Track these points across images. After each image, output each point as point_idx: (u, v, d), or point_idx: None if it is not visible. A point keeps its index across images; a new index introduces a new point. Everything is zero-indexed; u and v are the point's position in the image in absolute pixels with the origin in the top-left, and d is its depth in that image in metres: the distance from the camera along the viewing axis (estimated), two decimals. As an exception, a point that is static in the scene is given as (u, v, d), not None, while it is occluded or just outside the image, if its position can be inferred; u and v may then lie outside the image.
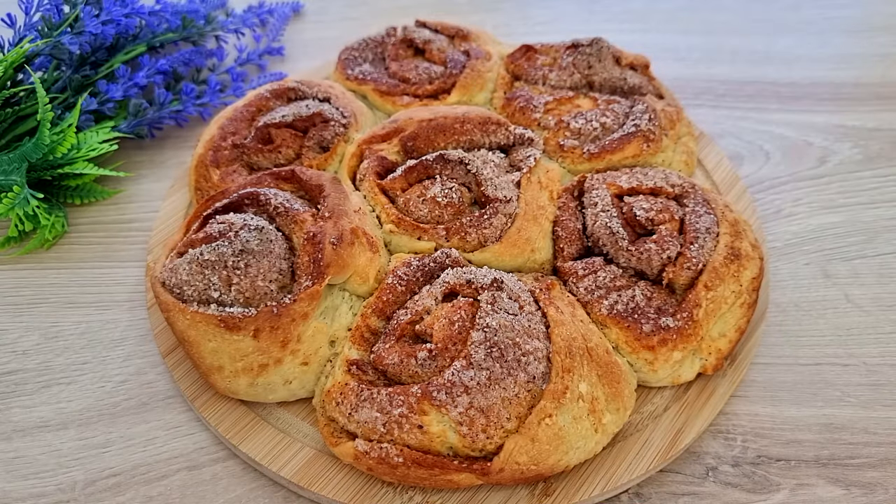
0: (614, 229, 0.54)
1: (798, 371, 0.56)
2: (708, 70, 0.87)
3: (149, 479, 0.49)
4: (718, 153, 0.71)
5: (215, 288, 0.48)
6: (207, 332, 0.48)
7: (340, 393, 0.46)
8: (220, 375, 0.48)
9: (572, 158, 0.62)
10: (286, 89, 0.66)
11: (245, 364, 0.48)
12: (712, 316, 0.51)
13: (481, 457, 0.45)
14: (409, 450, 0.44)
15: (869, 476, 0.49)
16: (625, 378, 0.49)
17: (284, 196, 0.53)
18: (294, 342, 0.48)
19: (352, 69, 0.71)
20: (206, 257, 0.48)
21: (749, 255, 0.54)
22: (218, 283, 0.48)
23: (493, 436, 0.44)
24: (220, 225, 0.50)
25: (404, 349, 0.46)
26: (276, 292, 0.49)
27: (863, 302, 0.61)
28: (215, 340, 0.48)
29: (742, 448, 0.51)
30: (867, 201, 0.69)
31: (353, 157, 0.60)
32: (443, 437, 0.44)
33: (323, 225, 0.50)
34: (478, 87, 0.68)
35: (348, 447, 0.45)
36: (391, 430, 0.44)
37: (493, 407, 0.44)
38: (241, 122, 0.64)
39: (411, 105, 0.66)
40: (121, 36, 0.77)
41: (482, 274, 0.49)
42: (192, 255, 0.49)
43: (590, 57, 0.67)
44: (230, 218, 0.51)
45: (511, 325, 0.46)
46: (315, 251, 0.49)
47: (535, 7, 1.02)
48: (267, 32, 0.92)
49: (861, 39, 0.91)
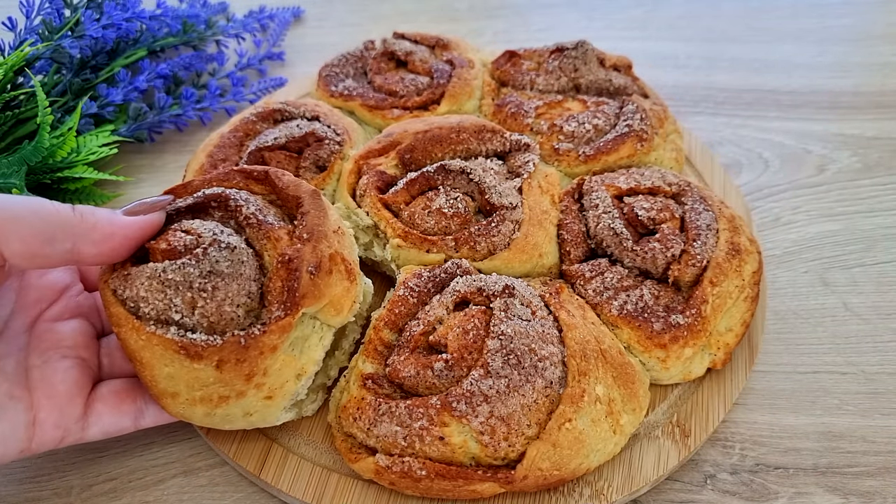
0: (617, 230, 0.54)
1: (796, 379, 0.55)
2: (707, 78, 0.87)
3: (145, 483, 0.49)
4: (711, 159, 0.71)
5: (177, 310, 0.43)
6: (164, 357, 0.43)
7: (357, 408, 0.46)
8: (173, 401, 0.44)
9: (568, 161, 0.62)
10: (272, 111, 0.65)
11: (204, 394, 0.43)
12: (719, 311, 0.52)
13: (503, 465, 0.45)
14: (431, 462, 0.44)
15: (867, 485, 0.49)
16: (639, 378, 0.49)
17: (256, 204, 0.47)
18: (259, 375, 0.43)
19: (335, 86, 0.70)
20: (169, 276, 0.43)
21: (748, 250, 0.55)
22: (181, 306, 0.43)
23: (515, 443, 0.44)
24: (186, 236, 0.44)
25: (420, 361, 0.46)
26: (242, 318, 0.44)
27: (861, 310, 0.61)
28: (172, 366, 0.43)
29: (740, 456, 0.51)
30: (866, 210, 0.69)
31: (350, 174, 0.59)
32: (464, 448, 0.44)
33: (301, 249, 0.44)
34: (466, 95, 0.68)
35: (369, 462, 0.45)
36: (412, 444, 0.44)
37: (513, 414, 0.44)
38: (229, 149, 0.62)
39: (402, 118, 0.66)
40: (121, 40, 0.78)
41: (493, 281, 0.49)
42: (152, 270, 0.43)
43: (575, 60, 0.68)
44: (196, 228, 0.45)
45: (526, 331, 0.46)
46: (290, 278, 0.44)
47: (535, 14, 1.02)
48: (267, 37, 0.93)
49: (860, 48, 0.91)
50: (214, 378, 0.43)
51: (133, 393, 0.46)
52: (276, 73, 0.89)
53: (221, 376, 0.43)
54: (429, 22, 1.00)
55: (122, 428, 0.45)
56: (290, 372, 0.45)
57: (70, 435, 0.43)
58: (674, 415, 0.51)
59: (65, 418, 0.43)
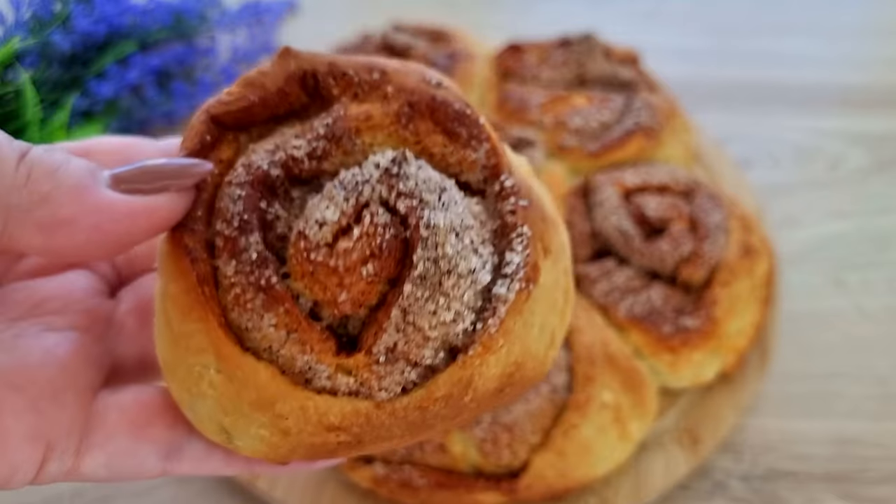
0: (625, 230, 0.52)
1: (808, 383, 0.54)
2: (717, 72, 0.85)
3: (137, 491, 0.48)
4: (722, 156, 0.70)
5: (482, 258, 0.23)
6: (524, 318, 0.23)
7: None
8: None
9: (573, 158, 0.60)
10: None
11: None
12: (730, 313, 0.50)
13: (506, 474, 0.44)
14: (431, 471, 0.43)
15: (880, 491, 0.48)
16: (647, 383, 0.48)
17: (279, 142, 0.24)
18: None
19: None
20: (440, 268, 0.22)
21: (760, 250, 0.54)
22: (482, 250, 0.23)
23: (518, 451, 0.43)
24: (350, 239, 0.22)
25: None
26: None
27: (874, 312, 0.59)
28: (537, 314, 0.24)
29: (751, 462, 0.49)
30: (879, 209, 0.68)
31: None
32: (466, 456, 0.43)
33: (395, 87, 0.24)
34: (468, 89, 0.67)
35: (366, 471, 0.44)
36: (412, 452, 0.43)
37: (516, 422, 0.43)
38: None
39: None
40: (112, 34, 0.76)
41: None
42: (402, 304, 0.22)
43: (581, 53, 0.66)
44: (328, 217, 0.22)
45: None
46: (440, 108, 0.24)
47: (540, 5, 1.00)
48: (261, 30, 0.91)
49: (873, 42, 0.90)
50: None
51: (167, 409, 0.25)
52: (272, 66, 0.87)
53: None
54: (428, 13, 0.98)
55: (139, 465, 0.24)
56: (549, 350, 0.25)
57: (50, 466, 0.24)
58: (683, 421, 0.50)
59: (45, 431, 0.23)
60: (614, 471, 0.46)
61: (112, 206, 0.21)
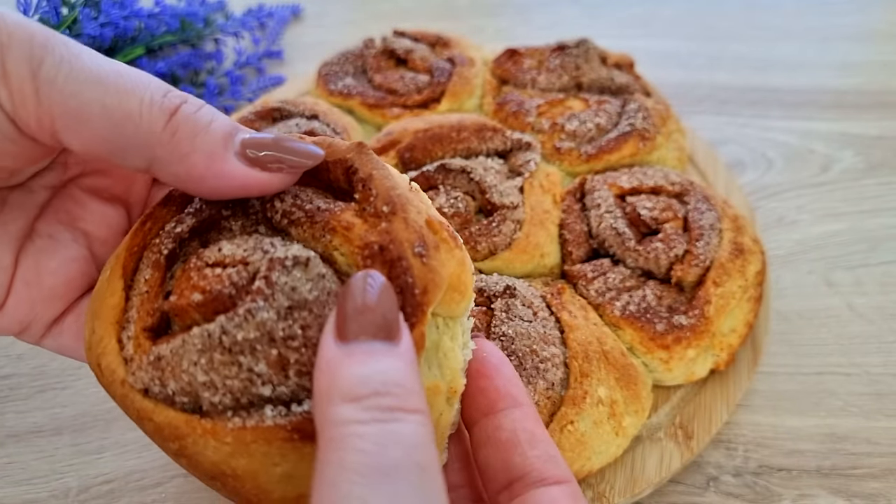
0: (620, 230, 0.53)
1: (800, 380, 0.55)
2: (710, 76, 0.87)
3: (143, 485, 0.49)
4: (715, 159, 0.71)
5: (263, 380, 0.27)
6: (271, 454, 0.28)
7: None
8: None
9: (570, 161, 0.61)
10: (270, 109, 0.64)
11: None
12: (722, 312, 0.51)
13: None
14: None
15: (871, 487, 0.49)
16: (641, 379, 0.49)
17: (289, 191, 0.31)
18: None
19: (335, 84, 0.70)
20: (236, 337, 0.27)
21: (751, 250, 0.54)
22: (266, 372, 0.27)
23: None
24: (226, 271, 0.28)
25: None
26: None
27: (865, 311, 0.60)
28: (287, 463, 0.28)
29: (744, 458, 0.50)
30: (870, 209, 0.69)
31: None
32: None
33: (389, 228, 0.29)
34: (467, 93, 0.68)
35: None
36: None
37: None
38: None
39: (402, 116, 0.66)
40: (119, 38, 0.77)
41: (493, 281, 0.49)
42: (202, 339, 0.27)
43: (577, 58, 0.67)
44: (227, 253, 0.29)
45: (527, 332, 0.45)
46: (395, 274, 0.28)
47: (537, 12, 1.02)
48: (266, 35, 0.92)
49: (865, 46, 0.91)
50: None
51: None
52: (274, 71, 0.89)
53: None
54: (429, 19, 1.00)
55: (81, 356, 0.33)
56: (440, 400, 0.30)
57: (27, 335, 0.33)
58: (676, 416, 0.51)
59: (32, 317, 0.32)
60: (609, 465, 0.47)
61: (233, 175, 0.28)
